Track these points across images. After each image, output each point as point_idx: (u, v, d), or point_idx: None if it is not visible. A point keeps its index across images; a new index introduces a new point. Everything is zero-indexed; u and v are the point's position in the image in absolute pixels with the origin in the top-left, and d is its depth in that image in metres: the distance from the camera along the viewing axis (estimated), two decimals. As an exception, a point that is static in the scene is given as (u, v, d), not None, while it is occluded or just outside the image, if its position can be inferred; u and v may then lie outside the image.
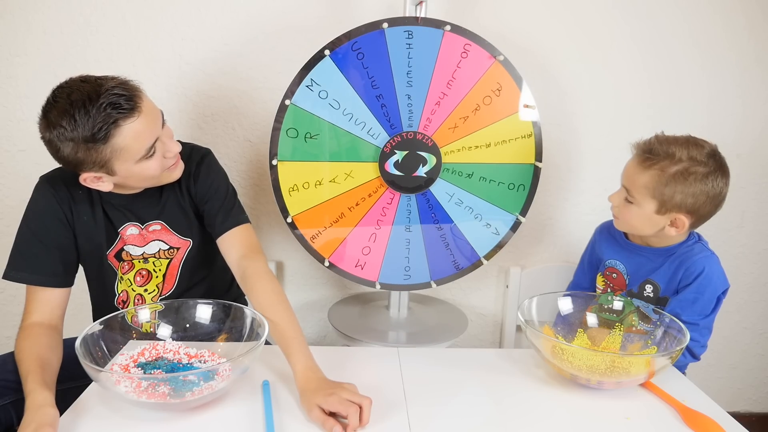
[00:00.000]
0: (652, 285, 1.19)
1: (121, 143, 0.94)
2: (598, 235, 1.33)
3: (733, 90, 1.59)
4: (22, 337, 1.00)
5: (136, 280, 1.15)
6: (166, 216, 1.13)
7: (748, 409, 1.84)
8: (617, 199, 1.16)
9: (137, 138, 0.95)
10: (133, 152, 0.96)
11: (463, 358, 1.08)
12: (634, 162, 1.13)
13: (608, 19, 1.53)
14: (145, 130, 0.96)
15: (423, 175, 1.33)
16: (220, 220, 1.12)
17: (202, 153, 1.17)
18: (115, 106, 0.91)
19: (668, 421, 0.87)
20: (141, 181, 1.04)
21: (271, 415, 0.83)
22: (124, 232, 1.11)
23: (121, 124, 0.92)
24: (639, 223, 1.15)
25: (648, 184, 1.09)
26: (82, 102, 0.91)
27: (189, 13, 1.46)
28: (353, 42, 1.25)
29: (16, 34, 1.44)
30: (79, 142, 0.92)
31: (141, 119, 0.95)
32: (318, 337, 1.73)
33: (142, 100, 0.96)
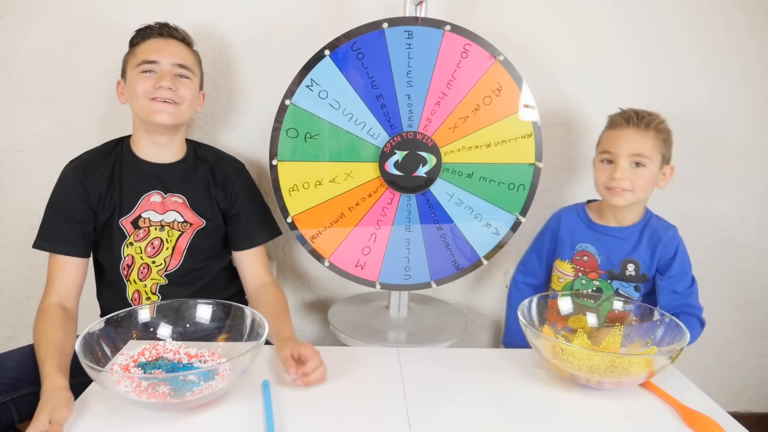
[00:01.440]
0: (634, 264, 1.29)
1: (138, 50, 1.17)
2: (561, 221, 1.39)
3: (733, 90, 1.59)
4: (40, 319, 1.05)
5: (147, 250, 1.19)
6: (190, 193, 1.23)
7: (748, 409, 1.84)
8: (627, 171, 1.23)
9: (145, 50, 1.16)
10: (136, 58, 1.16)
11: (463, 358, 1.08)
12: (632, 129, 1.24)
13: (608, 19, 1.53)
14: (155, 47, 1.17)
15: (423, 175, 1.33)
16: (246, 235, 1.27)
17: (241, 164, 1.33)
18: (157, 28, 1.19)
19: (668, 421, 0.87)
20: (134, 102, 1.17)
21: (271, 415, 0.83)
22: (148, 198, 1.20)
23: (149, 38, 1.18)
24: (648, 183, 1.26)
25: (654, 143, 1.23)
26: (152, 24, 1.21)
27: (189, 13, 1.46)
28: (353, 42, 1.25)
29: (16, 34, 1.44)
30: (129, 46, 1.21)
31: (160, 41, 1.18)
32: (318, 337, 1.74)
33: (177, 40, 1.21)
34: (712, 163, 1.63)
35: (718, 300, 1.72)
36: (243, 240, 1.26)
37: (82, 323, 1.07)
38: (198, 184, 1.24)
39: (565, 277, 1.36)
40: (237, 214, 1.26)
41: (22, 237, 1.55)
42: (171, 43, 1.19)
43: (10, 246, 1.57)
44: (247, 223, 1.26)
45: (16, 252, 1.57)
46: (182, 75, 1.18)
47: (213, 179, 1.25)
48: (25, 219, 1.54)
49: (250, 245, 1.26)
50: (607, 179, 1.25)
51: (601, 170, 1.28)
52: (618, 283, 1.31)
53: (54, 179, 1.19)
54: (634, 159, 1.23)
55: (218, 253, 1.28)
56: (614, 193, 1.25)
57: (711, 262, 1.69)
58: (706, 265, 1.69)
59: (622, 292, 1.31)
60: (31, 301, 1.61)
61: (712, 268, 1.70)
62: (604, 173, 1.27)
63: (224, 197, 1.25)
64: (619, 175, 1.23)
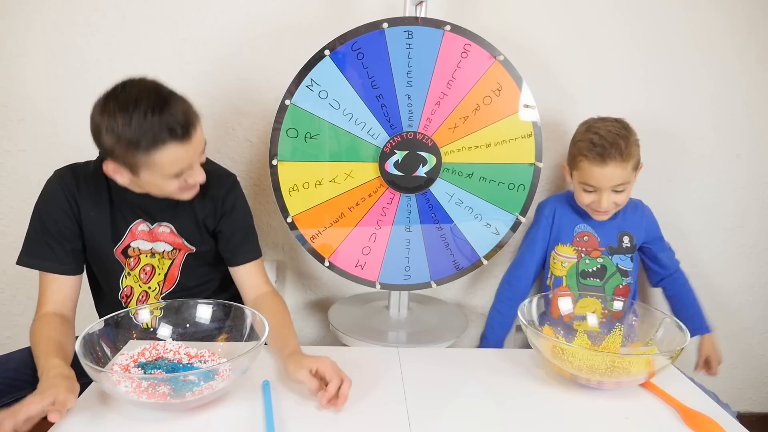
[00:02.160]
0: (628, 236, 1.40)
1: (157, 160, 0.96)
2: (554, 210, 1.44)
3: (733, 90, 1.59)
4: (37, 326, 1.02)
5: (141, 276, 1.16)
6: (178, 221, 1.15)
7: (748, 409, 1.84)
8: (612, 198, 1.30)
9: (173, 161, 0.98)
10: (163, 171, 0.98)
11: (463, 358, 1.08)
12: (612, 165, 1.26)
13: (608, 19, 1.53)
14: (183, 157, 0.98)
15: (423, 175, 1.33)
16: (241, 251, 1.19)
17: (233, 178, 1.21)
18: (171, 129, 0.94)
19: (668, 421, 0.87)
20: (155, 190, 1.05)
21: (271, 415, 0.83)
22: (136, 228, 1.13)
23: (167, 144, 0.95)
24: (628, 196, 1.33)
25: (630, 165, 1.28)
26: (145, 109, 0.92)
27: (189, 14, 1.46)
28: (353, 42, 1.25)
29: (16, 34, 1.44)
30: (122, 140, 0.93)
31: (184, 147, 0.97)
32: (318, 337, 1.73)
33: (196, 131, 0.99)
34: (712, 162, 1.63)
35: (718, 300, 1.72)
36: (232, 257, 1.19)
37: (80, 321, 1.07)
38: (184, 210, 1.15)
39: (569, 261, 1.40)
40: (221, 231, 1.18)
41: (22, 237, 1.55)
42: (195, 140, 0.99)
43: (10, 246, 1.57)
44: (235, 240, 1.19)
45: (16, 252, 1.55)
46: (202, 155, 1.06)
47: (201, 201, 1.15)
48: (25, 219, 1.52)
49: (241, 261, 1.19)
50: (591, 204, 1.33)
51: (583, 196, 1.34)
52: (617, 257, 1.39)
53: (54, 179, 1.19)
54: (617, 188, 1.30)
55: (213, 270, 1.24)
56: (599, 213, 1.35)
57: (711, 262, 1.69)
58: (706, 265, 1.69)
59: (621, 266, 1.40)
60: (31, 301, 1.60)
61: (712, 268, 1.70)
62: (586, 198, 1.33)
63: (213, 217, 1.17)
64: (605, 206, 1.30)
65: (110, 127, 0.93)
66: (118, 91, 0.95)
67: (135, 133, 0.93)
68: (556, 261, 1.42)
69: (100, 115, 0.95)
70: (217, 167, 1.22)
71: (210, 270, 1.24)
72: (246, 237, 1.20)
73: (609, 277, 1.37)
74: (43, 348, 0.94)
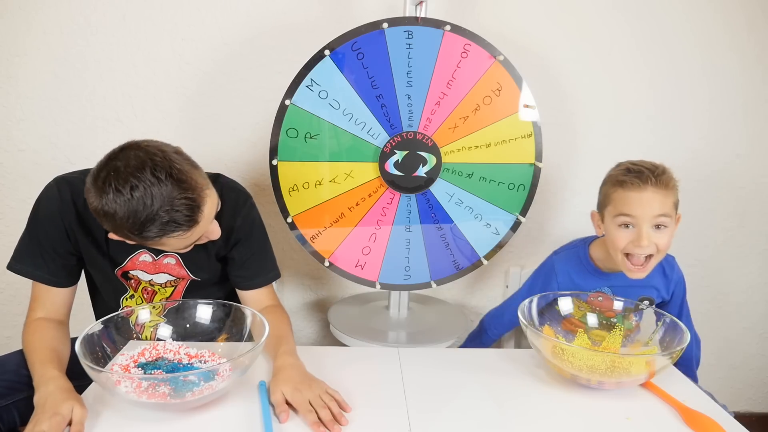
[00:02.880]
0: (648, 299, 1.24)
1: (164, 242, 0.91)
2: (568, 274, 1.25)
3: (733, 90, 1.59)
4: (29, 331, 0.99)
5: (143, 296, 1.14)
6: (187, 254, 1.06)
7: (748, 409, 1.84)
8: (652, 236, 1.11)
9: (181, 241, 0.92)
10: (172, 248, 0.95)
11: (463, 358, 1.07)
12: (652, 189, 1.10)
13: (608, 19, 1.53)
14: (191, 237, 0.92)
15: (423, 175, 1.33)
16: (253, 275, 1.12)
17: (248, 201, 1.12)
18: (175, 222, 0.86)
19: (668, 421, 0.87)
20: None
21: (268, 416, 0.83)
22: (137, 257, 1.07)
23: (167, 239, 0.89)
24: (670, 241, 1.13)
25: (674, 199, 1.12)
26: (144, 202, 0.83)
27: (189, 13, 1.46)
28: (353, 42, 1.25)
29: (16, 34, 1.44)
30: (124, 228, 0.86)
31: (192, 230, 0.90)
32: (318, 337, 1.73)
33: (202, 213, 0.89)
34: (712, 162, 1.63)
35: (718, 300, 1.72)
36: (243, 281, 1.13)
37: (80, 321, 1.07)
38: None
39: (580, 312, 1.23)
40: (234, 258, 1.11)
41: (22, 237, 1.55)
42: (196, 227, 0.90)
43: (10, 246, 1.55)
44: (248, 267, 1.12)
45: (16, 252, 1.57)
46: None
47: None
48: (25, 219, 1.53)
49: (249, 287, 1.13)
50: (628, 246, 1.12)
51: (619, 236, 1.13)
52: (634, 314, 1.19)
53: (54, 179, 1.18)
54: (658, 221, 1.11)
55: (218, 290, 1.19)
56: (636, 264, 1.13)
57: (711, 263, 1.70)
58: (706, 265, 1.69)
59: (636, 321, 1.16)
60: (31, 301, 1.61)
61: (712, 269, 1.70)
62: (623, 239, 1.13)
63: (225, 247, 1.10)
64: (645, 243, 1.10)
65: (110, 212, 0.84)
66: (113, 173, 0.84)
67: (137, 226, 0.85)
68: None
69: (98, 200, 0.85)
70: (230, 189, 1.11)
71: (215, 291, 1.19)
72: (261, 263, 1.13)
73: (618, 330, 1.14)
74: (38, 356, 0.92)
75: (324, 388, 0.87)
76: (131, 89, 1.49)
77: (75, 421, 0.78)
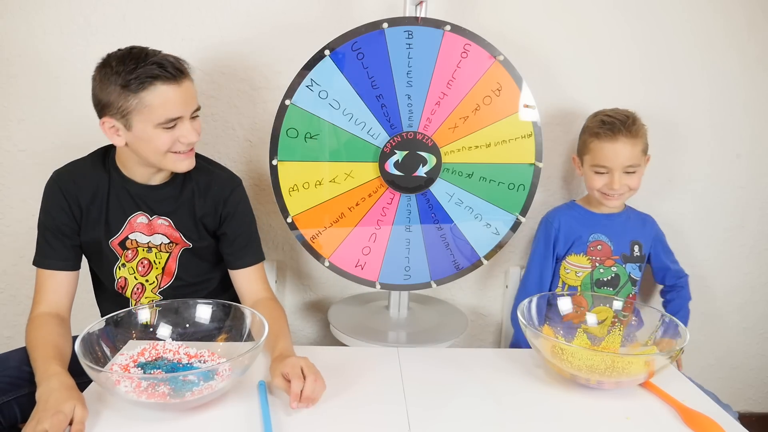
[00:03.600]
0: (638, 245, 1.42)
1: (148, 100, 1.00)
2: (560, 224, 1.43)
3: (733, 90, 1.59)
4: (32, 327, 1.02)
5: (138, 269, 1.18)
6: (176, 216, 1.17)
7: (748, 409, 1.83)
8: (624, 179, 1.31)
9: (164, 103, 1.01)
10: (154, 114, 1.01)
11: (463, 358, 1.08)
12: (622, 140, 1.30)
13: (608, 19, 1.53)
14: (174, 99, 1.02)
15: (423, 175, 1.33)
16: (243, 254, 1.20)
17: (238, 182, 1.23)
18: (161, 66, 1.00)
19: (668, 421, 0.87)
20: (147, 151, 1.06)
21: (268, 415, 0.83)
22: (135, 219, 1.15)
23: (156, 83, 1.00)
24: (640, 180, 1.34)
25: (642, 146, 1.32)
26: (138, 54, 1.00)
27: (189, 13, 1.46)
28: (353, 42, 1.25)
29: (16, 34, 1.44)
30: (117, 83, 0.99)
31: (175, 89, 1.01)
32: (318, 337, 1.73)
33: (186, 78, 1.04)
34: (712, 162, 1.63)
35: (718, 300, 1.72)
36: (233, 260, 1.20)
37: (81, 321, 1.07)
38: (184, 205, 1.17)
39: (583, 270, 1.40)
40: (224, 233, 1.20)
41: (22, 237, 1.55)
42: (184, 86, 1.04)
43: (10, 246, 1.57)
44: (235, 244, 1.20)
45: (16, 252, 1.57)
46: (195, 116, 1.10)
47: (202, 199, 1.17)
48: (25, 219, 1.54)
49: (241, 265, 1.20)
50: (603, 187, 1.35)
51: (595, 179, 1.36)
52: (630, 266, 1.40)
53: (54, 179, 1.19)
54: (628, 169, 1.32)
55: (212, 268, 1.25)
56: (611, 198, 1.35)
57: (711, 262, 1.69)
58: (706, 265, 1.69)
59: (632, 275, 1.42)
60: (30, 301, 1.60)
61: (712, 268, 1.70)
62: (597, 181, 1.35)
63: (212, 218, 1.19)
64: (617, 187, 1.32)
65: (107, 74, 1.01)
66: (118, 50, 1.04)
67: (128, 74, 0.99)
68: (569, 271, 1.42)
69: (100, 69, 1.03)
70: (223, 170, 1.24)
71: (209, 268, 1.25)
72: (248, 241, 1.21)
73: (622, 286, 1.38)
74: (41, 352, 0.94)
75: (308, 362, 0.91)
76: (131, 89, 1.49)
77: (76, 420, 0.78)
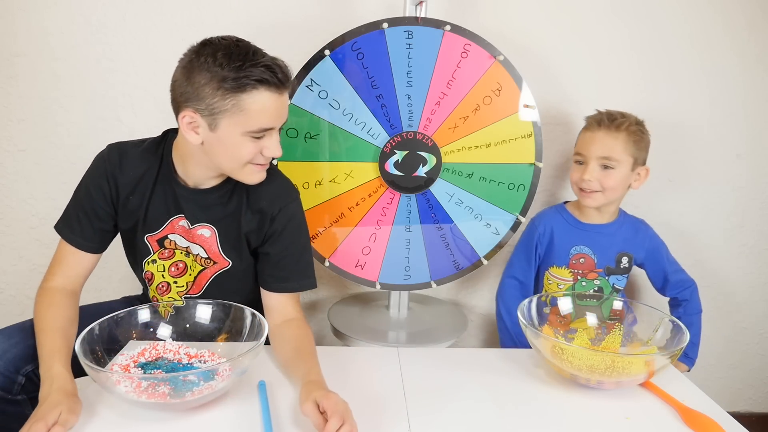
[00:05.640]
0: (627, 256, 1.36)
1: (245, 104, 0.93)
2: (549, 227, 1.38)
3: (733, 90, 1.59)
4: (43, 301, 1.01)
5: (170, 269, 1.12)
6: (221, 226, 1.08)
7: (748, 409, 1.84)
8: (596, 172, 1.28)
9: (262, 111, 0.94)
10: (248, 121, 0.94)
11: (463, 358, 1.08)
12: (603, 131, 1.28)
13: (608, 19, 1.53)
14: (272, 109, 0.95)
15: (423, 175, 1.33)
16: (283, 278, 1.08)
17: (293, 196, 1.11)
18: (272, 70, 0.93)
19: (668, 421, 0.87)
20: (225, 157, 0.98)
21: (268, 415, 0.83)
22: (177, 221, 1.08)
23: (260, 88, 0.93)
24: (618, 184, 1.29)
25: (625, 145, 1.27)
26: (247, 50, 0.93)
27: (189, 13, 1.46)
28: (353, 42, 1.25)
29: (16, 34, 1.44)
30: (216, 77, 0.91)
31: (276, 98, 0.95)
32: (318, 337, 1.73)
33: (287, 91, 0.99)
34: (712, 162, 1.63)
35: (717, 300, 1.72)
36: (271, 282, 1.08)
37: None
38: (230, 216, 1.07)
39: (565, 283, 1.37)
40: (267, 254, 1.08)
41: (22, 237, 1.55)
42: (285, 96, 0.98)
43: (10, 246, 1.57)
44: (278, 266, 1.08)
45: (16, 252, 1.57)
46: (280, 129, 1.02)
47: (249, 213, 1.07)
48: (25, 219, 1.54)
49: (278, 289, 1.08)
50: (578, 179, 1.32)
51: (574, 170, 1.34)
52: (614, 277, 1.36)
53: (54, 179, 1.18)
54: (603, 162, 1.28)
55: (247, 291, 1.14)
56: (585, 194, 1.31)
57: (711, 262, 1.69)
58: (706, 265, 1.69)
59: (617, 285, 1.38)
60: (30, 301, 1.58)
61: (711, 268, 1.70)
62: (576, 173, 1.33)
63: (257, 233, 1.08)
64: (587, 176, 1.28)
65: (206, 65, 0.91)
66: (218, 39, 0.95)
67: (232, 69, 0.90)
68: (551, 282, 1.40)
69: (196, 56, 0.93)
70: (280, 181, 1.11)
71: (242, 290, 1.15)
72: (295, 266, 1.09)
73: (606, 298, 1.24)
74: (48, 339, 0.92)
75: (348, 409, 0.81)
76: (131, 89, 1.49)
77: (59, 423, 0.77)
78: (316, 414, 0.78)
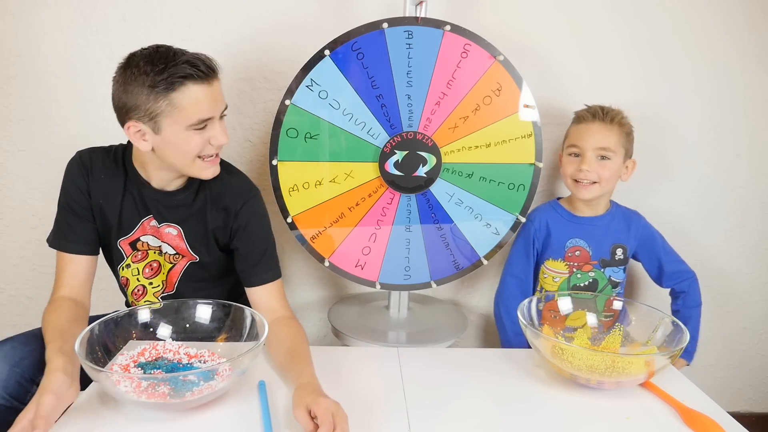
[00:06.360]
0: (622, 248, 1.38)
1: (179, 101, 0.97)
2: (545, 222, 1.41)
3: (733, 89, 1.59)
4: (49, 309, 1.03)
5: (144, 271, 1.17)
6: (187, 225, 1.14)
7: (748, 409, 1.84)
8: (593, 163, 1.31)
9: (196, 103, 0.98)
10: (186, 115, 0.98)
11: (463, 358, 1.08)
12: (599, 122, 1.32)
13: (608, 19, 1.53)
14: (205, 100, 0.99)
15: (423, 175, 1.33)
16: (257, 271, 1.14)
17: (253, 193, 1.16)
18: (193, 65, 0.97)
19: (668, 421, 0.87)
20: (176, 155, 1.03)
21: (268, 415, 0.83)
22: (148, 222, 1.13)
23: (187, 83, 0.96)
24: (613, 175, 1.33)
25: (619, 138, 1.31)
26: (166, 53, 0.97)
27: (189, 13, 1.46)
28: (353, 42, 1.25)
29: (16, 34, 1.44)
30: (146, 84, 0.95)
31: (206, 89, 0.99)
32: (318, 337, 1.73)
33: (216, 79, 1.02)
34: (712, 162, 1.63)
35: (718, 300, 1.72)
36: (247, 277, 1.14)
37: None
38: (196, 215, 1.13)
39: (560, 276, 1.38)
40: (236, 248, 1.15)
41: (22, 237, 1.55)
42: (215, 85, 1.01)
43: (10, 246, 1.57)
44: (248, 260, 1.14)
45: (16, 252, 1.57)
46: (223, 116, 1.06)
47: (214, 210, 1.13)
48: (25, 219, 1.54)
49: (256, 282, 1.14)
50: (574, 171, 1.33)
51: (568, 163, 1.36)
52: (610, 270, 1.38)
53: (53, 179, 1.19)
54: (600, 152, 1.31)
55: (217, 281, 1.22)
56: (581, 186, 1.33)
57: (710, 262, 1.69)
58: (706, 265, 1.69)
59: (613, 278, 1.39)
60: (31, 301, 1.61)
61: (711, 268, 1.70)
62: (571, 166, 1.34)
63: (223, 230, 1.14)
64: (586, 167, 1.30)
65: (134, 75, 0.96)
66: (143, 49, 1.00)
67: (158, 74, 0.95)
68: (546, 276, 1.41)
69: (124, 69, 0.98)
70: (241, 178, 1.18)
71: (213, 283, 1.22)
72: (263, 257, 1.15)
73: (601, 290, 1.36)
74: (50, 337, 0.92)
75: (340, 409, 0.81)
76: (131, 89, 1.49)
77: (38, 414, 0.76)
78: (308, 421, 0.79)
